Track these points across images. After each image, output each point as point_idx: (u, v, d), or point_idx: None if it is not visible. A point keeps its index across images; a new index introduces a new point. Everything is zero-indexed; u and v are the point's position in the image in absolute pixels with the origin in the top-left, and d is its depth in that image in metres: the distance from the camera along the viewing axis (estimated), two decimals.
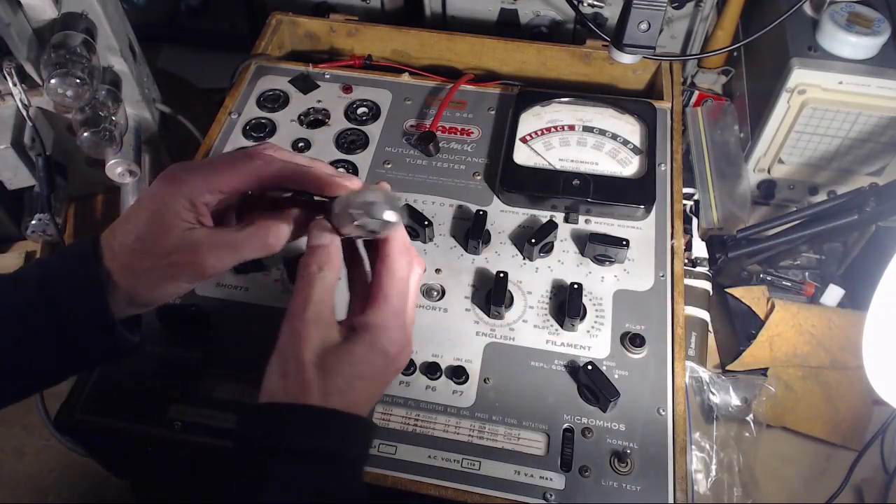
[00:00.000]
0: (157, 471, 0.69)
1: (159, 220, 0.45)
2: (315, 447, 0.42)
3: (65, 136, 0.88)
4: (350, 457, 0.44)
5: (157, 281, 0.46)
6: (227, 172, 0.46)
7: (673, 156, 0.75)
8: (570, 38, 0.98)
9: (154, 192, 0.46)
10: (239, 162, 0.47)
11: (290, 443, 0.42)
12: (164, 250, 0.45)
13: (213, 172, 0.46)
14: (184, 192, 0.46)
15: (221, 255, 0.46)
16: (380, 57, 0.88)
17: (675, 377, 0.60)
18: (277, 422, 0.43)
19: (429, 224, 0.68)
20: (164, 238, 0.45)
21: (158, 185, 0.46)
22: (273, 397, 0.43)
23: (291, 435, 0.42)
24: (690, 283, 0.80)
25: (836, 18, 0.82)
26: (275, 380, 0.44)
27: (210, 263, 0.46)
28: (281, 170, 0.47)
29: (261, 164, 0.47)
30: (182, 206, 0.46)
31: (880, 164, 0.89)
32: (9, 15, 0.73)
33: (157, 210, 0.45)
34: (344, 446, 0.43)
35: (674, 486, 0.55)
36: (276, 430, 0.42)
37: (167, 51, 1.17)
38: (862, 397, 0.79)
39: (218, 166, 0.47)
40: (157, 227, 0.45)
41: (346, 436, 0.44)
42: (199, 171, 0.46)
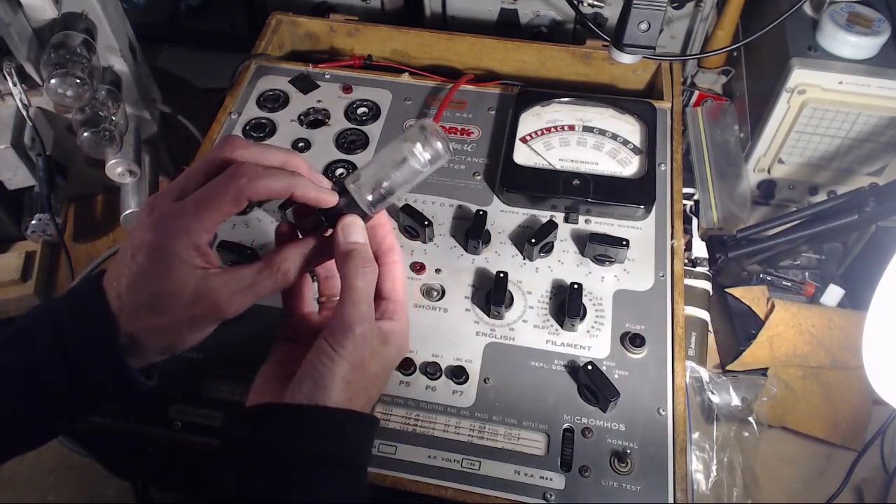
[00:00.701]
0: (157, 471, 0.69)
1: (172, 275, 0.44)
2: (336, 452, 0.43)
3: (65, 136, 0.88)
4: (363, 455, 0.46)
5: (182, 333, 0.46)
6: (216, 205, 0.45)
7: (673, 156, 0.75)
8: (570, 38, 0.98)
9: (153, 245, 0.44)
10: (223, 189, 0.45)
11: (315, 449, 0.42)
12: (183, 304, 0.45)
13: (204, 210, 0.45)
14: (187, 242, 0.44)
15: (240, 299, 0.46)
16: (380, 57, 0.88)
17: (675, 377, 0.60)
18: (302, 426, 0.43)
19: (429, 224, 0.68)
20: (181, 293, 0.44)
21: (156, 236, 0.44)
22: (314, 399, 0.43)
23: (317, 441, 0.43)
24: (690, 283, 0.80)
25: (836, 18, 0.82)
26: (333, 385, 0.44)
27: (231, 309, 0.46)
28: (267, 185, 0.46)
29: (245, 182, 0.45)
30: (189, 256, 0.44)
31: (880, 164, 0.89)
32: (9, 15, 0.73)
33: (167, 264, 0.44)
34: (359, 446, 0.45)
35: (674, 486, 0.55)
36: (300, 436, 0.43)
37: (167, 51, 1.17)
38: (862, 397, 0.79)
39: (206, 202, 0.45)
40: (172, 283, 0.44)
41: (364, 437, 0.45)
42: (191, 214, 0.44)
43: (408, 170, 0.49)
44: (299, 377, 0.44)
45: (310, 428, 0.43)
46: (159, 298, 0.44)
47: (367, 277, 0.46)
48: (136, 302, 0.44)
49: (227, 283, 0.45)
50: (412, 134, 0.48)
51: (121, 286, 0.45)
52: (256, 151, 0.47)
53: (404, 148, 0.48)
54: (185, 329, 0.46)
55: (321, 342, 0.45)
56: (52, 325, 0.45)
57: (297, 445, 0.42)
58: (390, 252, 0.51)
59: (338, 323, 0.45)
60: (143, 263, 0.44)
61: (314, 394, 0.43)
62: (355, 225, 0.48)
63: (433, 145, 0.48)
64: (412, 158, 0.48)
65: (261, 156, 0.47)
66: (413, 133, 0.48)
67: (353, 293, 0.45)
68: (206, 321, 0.47)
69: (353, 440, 0.44)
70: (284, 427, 0.43)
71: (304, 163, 0.49)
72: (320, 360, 0.44)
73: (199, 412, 0.59)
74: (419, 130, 0.48)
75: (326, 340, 0.45)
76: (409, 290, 0.65)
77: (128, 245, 0.46)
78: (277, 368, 0.48)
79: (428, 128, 0.48)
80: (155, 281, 0.44)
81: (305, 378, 0.44)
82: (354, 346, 0.45)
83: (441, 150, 0.48)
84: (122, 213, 0.88)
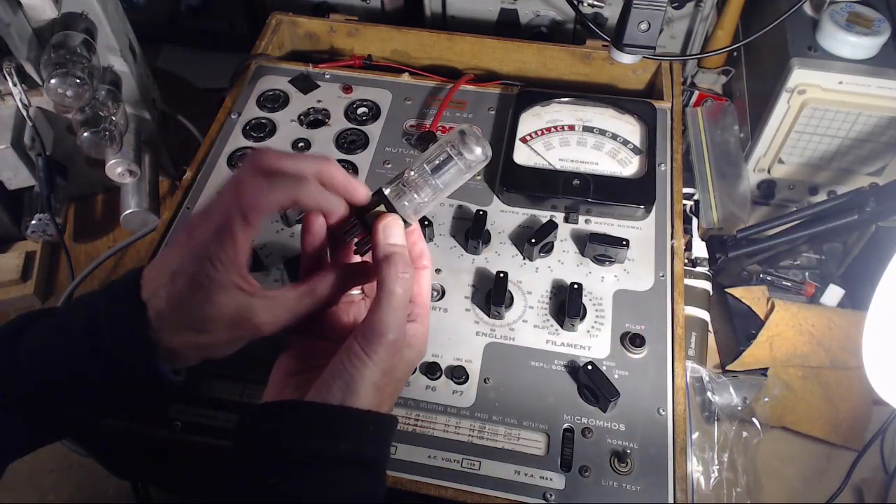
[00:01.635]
0: (157, 471, 0.69)
1: (213, 302, 0.44)
2: (359, 452, 0.43)
3: (65, 136, 0.88)
4: (384, 454, 0.46)
5: (220, 349, 0.47)
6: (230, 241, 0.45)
7: (673, 156, 0.75)
8: (570, 38, 0.98)
9: (193, 271, 0.44)
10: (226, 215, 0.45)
11: (339, 448, 0.43)
12: (224, 326, 0.45)
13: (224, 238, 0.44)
14: (230, 274, 0.44)
15: (279, 321, 0.47)
16: (380, 57, 0.88)
17: (675, 377, 0.60)
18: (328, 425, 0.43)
19: (429, 224, 0.68)
20: (223, 316, 0.45)
21: (193, 263, 0.44)
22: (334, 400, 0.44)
23: (342, 440, 0.43)
24: (690, 283, 0.80)
25: (836, 18, 0.82)
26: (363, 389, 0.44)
27: (269, 330, 0.47)
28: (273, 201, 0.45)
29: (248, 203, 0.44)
30: (231, 284, 0.45)
31: (880, 164, 0.89)
32: (9, 15, 0.73)
33: (207, 291, 0.44)
34: (382, 447, 0.45)
35: (674, 486, 0.55)
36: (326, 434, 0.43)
37: (167, 51, 1.17)
38: (862, 397, 0.79)
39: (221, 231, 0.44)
40: (213, 309, 0.45)
41: (386, 437, 0.46)
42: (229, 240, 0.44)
43: (448, 175, 0.48)
44: (328, 378, 0.44)
45: (336, 427, 0.43)
46: (201, 321, 0.45)
47: (406, 283, 0.46)
48: (177, 322, 0.45)
49: (270, 309, 0.46)
50: (452, 138, 0.48)
51: (161, 304, 0.45)
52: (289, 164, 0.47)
53: (444, 152, 0.48)
54: (224, 346, 0.47)
55: (353, 345, 0.45)
56: (90, 324, 0.46)
57: (322, 444, 0.43)
58: (420, 258, 0.51)
59: (373, 328, 0.45)
60: (184, 290, 0.44)
61: (345, 396, 0.43)
62: (396, 226, 0.48)
63: (473, 149, 0.48)
64: (452, 163, 0.48)
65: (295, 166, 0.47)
66: (453, 137, 0.48)
67: (392, 299, 0.45)
68: (245, 339, 0.47)
69: (375, 441, 0.45)
70: (311, 425, 0.43)
71: (339, 171, 0.49)
72: (352, 363, 0.44)
73: (199, 412, 0.59)
74: (459, 135, 0.48)
75: (359, 344, 0.44)
76: None
77: (167, 261, 0.46)
78: (296, 363, 0.48)
79: (468, 132, 0.48)
80: (196, 306, 0.45)
81: (336, 380, 0.44)
82: (387, 352, 0.44)
83: (481, 154, 0.48)
84: (122, 213, 0.88)
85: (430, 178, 0.48)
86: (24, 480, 0.78)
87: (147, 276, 0.46)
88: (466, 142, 0.47)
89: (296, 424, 0.43)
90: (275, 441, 0.43)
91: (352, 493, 0.43)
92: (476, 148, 0.47)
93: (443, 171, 0.48)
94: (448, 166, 0.48)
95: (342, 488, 0.43)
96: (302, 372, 0.47)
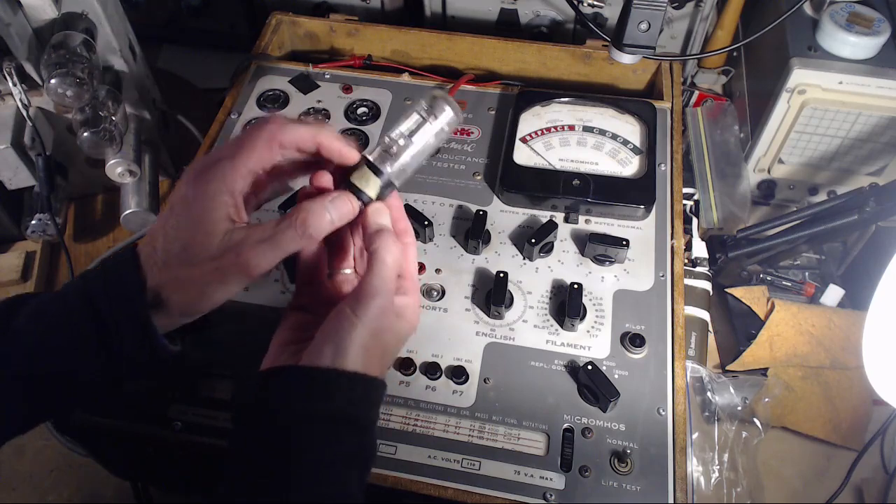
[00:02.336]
0: (157, 471, 0.69)
1: (203, 224, 0.46)
2: (347, 412, 0.45)
3: (65, 136, 0.88)
4: (373, 416, 0.47)
5: (206, 288, 0.47)
6: (251, 147, 0.47)
7: (673, 156, 0.75)
8: (570, 38, 0.98)
9: (189, 195, 0.46)
10: (256, 133, 0.48)
11: (327, 408, 0.44)
12: (210, 255, 0.46)
13: (238, 154, 0.47)
14: (223, 186, 0.46)
15: (263, 251, 0.46)
16: (380, 57, 0.88)
17: (675, 377, 0.60)
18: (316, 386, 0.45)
19: (429, 224, 0.68)
20: (208, 243, 0.46)
21: (193, 187, 0.46)
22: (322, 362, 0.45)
23: (329, 401, 0.44)
24: (690, 283, 0.80)
25: (836, 18, 0.82)
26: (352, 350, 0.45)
27: (254, 263, 0.46)
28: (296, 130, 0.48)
29: (275, 127, 0.48)
30: (223, 202, 0.46)
31: (880, 164, 0.89)
32: (9, 15, 0.73)
33: (200, 214, 0.46)
34: (370, 408, 0.47)
35: (674, 486, 0.55)
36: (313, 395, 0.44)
37: (167, 51, 1.17)
38: (862, 397, 0.79)
39: (240, 145, 0.47)
40: (202, 233, 0.46)
41: (375, 399, 0.47)
42: (226, 159, 0.47)
43: (423, 138, 0.50)
44: (319, 341, 0.46)
45: (321, 386, 0.45)
46: (189, 247, 0.46)
47: (395, 255, 0.48)
48: (167, 253, 0.46)
49: (251, 235, 0.46)
50: (425, 103, 0.50)
51: (156, 240, 0.47)
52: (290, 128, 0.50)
53: (419, 117, 0.50)
54: (210, 284, 0.47)
55: (343, 308, 0.46)
56: (83, 285, 0.47)
57: (312, 404, 0.44)
58: (405, 234, 0.53)
59: (362, 292, 0.47)
60: (180, 213, 0.46)
61: (335, 358, 0.45)
62: (384, 210, 0.50)
63: (444, 111, 0.50)
64: (426, 126, 0.50)
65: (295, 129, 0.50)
66: (424, 101, 0.50)
67: (382, 267, 0.47)
68: (231, 274, 0.47)
69: (365, 401, 0.46)
70: (300, 387, 0.45)
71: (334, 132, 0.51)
72: (342, 325, 0.46)
73: (199, 412, 0.59)
74: (430, 99, 0.50)
75: (349, 307, 0.46)
76: None
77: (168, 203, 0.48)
78: (290, 335, 0.50)
79: (438, 96, 0.50)
80: (187, 229, 0.46)
81: (327, 342, 0.46)
82: (375, 314, 0.46)
83: (452, 116, 0.50)
84: (122, 213, 0.88)
85: (407, 143, 0.50)
86: (25, 480, 0.78)
87: (150, 230, 0.48)
88: (437, 105, 0.50)
89: (287, 387, 0.45)
90: (268, 405, 0.45)
91: (342, 452, 0.45)
92: (447, 109, 0.50)
93: (418, 134, 0.50)
94: (422, 130, 0.50)
95: (333, 447, 0.44)
96: (295, 343, 0.49)
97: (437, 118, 0.50)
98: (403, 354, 0.61)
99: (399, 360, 0.61)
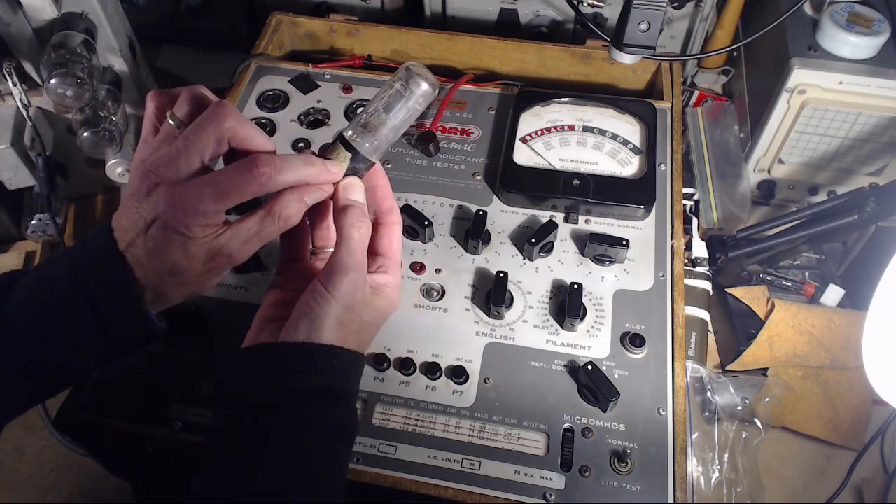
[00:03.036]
0: (157, 471, 0.69)
1: (189, 249, 0.46)
2: (324, 384, 0.46)
3: (65, 136, 0.88)
4: (352, 388, 0.48)
5: (201, 283, 0.50)
6: (238, 195, 0.46)
7: (673, 156, 0.75)
8: (570, 38, 0.98)
9: (170, 223, 0.45)
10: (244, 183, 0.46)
11: (305, 382, 0.45)
12: (200, 264, 0.47)
13: (225, 198, 0.46)
14: (203, 222, 0.46)
15: (250, 247, 0.48)
16: (380, 57, 0.88)
17: (675, 377, 0.60)
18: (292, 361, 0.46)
19: (429, 224, 0.68)
20: (197, 257, 0.47)
21: (172, 213, 0.45)
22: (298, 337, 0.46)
23: (301, 375, 0.45)
24: (690, 283, 0.80)
25: (836, 18, 0.82)
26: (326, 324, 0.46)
27: (243, 257, 0.49)
28: (286, 178, 0.47)
29: (266, 179, 0.46)
30: (205, 232, 0.46)
31: (880, 164, 0.89)
32: (9, 15, 0.74)
33: (183, 241, 0.46)
34: (348, 380, 0.48)
35: (674, 486, 0.55)
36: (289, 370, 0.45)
37: (167, 51, 1.17)
38: (862, 397, 0.79)
39: (227, 192, 0.46)
40: (188, 256, 0.46)
41: (352, 371, 0.48)
42: (211, 199, 0.45)
43: (401, 112, 0.51)
44: (295, 317, 0.47)
45: (297, 362, 0.46)
46: (178, 266, 0.47)
47: (362, 231, 0.49)
48: (156, 269, 0.47)
49: (236, 236, 0.47)
50: (400, 75, 0.50)
51: (138, 253, 0.46)
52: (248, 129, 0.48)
53: (395, 90, 0.50)
54: (204, 279, 0.49)
55: (315, 284, 0.47)
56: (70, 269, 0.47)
57: (289, 379, 0.45)
58: (390, 213, 0.53)
59: (332, 267, 0.47)
60: (160, 238, 0.46)
61: (310, 332, 0.46)
62: (356, 185, 0.51)
63: (420, 84, 0.50)
64: (403, 100, 0.50)
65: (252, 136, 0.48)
66: (400, 74, 0.50)
67: (349, 242, 0.48)
68: (222, 270, 0.50)
69: (341, 374, 0.47)
70: (277, 363, 0.46)
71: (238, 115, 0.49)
72: (315, 300, 0.47)
73: (199, 412, 0.59)
74: (405, 72, 0.50)
75: (321, 282, 0.47)
76: (410, 290, 0.65)
77: (136, 210, 0.46)
78: (270, 312, 0.50)
79: (413, 68, 0.50)
80: (172, 253, 0.46)
81: (302, 318, 0.46)
82: (347, 289, 0.47)
83: (428, 88, 0.50)
84: None
85: (384, 118, 0.50)
86: (24, 480, 0.78)
87: (118, 227, 0.47)
88: (413, 77, 0.50)
89: (264, 364, 0.46)
90: (246, 383, 0.46)
91: (321, 425, 0.45)
92: (422, 83, 0.50)
93: (395, 108, 0.50)
94: (400, 103, 0.50)
95: (312, 420, 0.45)
96: (275, 320, 0.49)
97: (413, 92, 0.50)
98: (403, 354, 0.61)
99: (399, 360, 0.61)
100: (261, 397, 0.45)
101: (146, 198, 0.46)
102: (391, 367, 0.61)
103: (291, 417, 0.44)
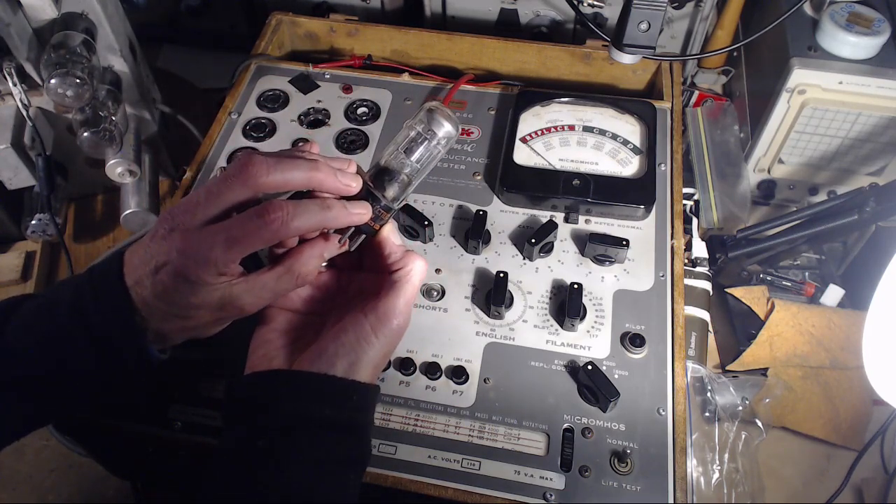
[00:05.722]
0: (157, 471, 0.69)
1: (198, 295, 0.46)
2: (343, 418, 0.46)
3: (65, 136, 0.88)
4: (369, 420, 0.49)
5: (207, 329, 0.50)
6: (249, 244, 0.45)
7: (673, 156, 0.75)
8: (570, 38, 0.98)
9: (181, 270, 0.45)
10: (255, 231, 0.45)
11: (320, 414, 0.45)
12: (209, 311, 0.47)
13: (236, 247, 0.45)
14: (214, 271, 0.45)
15: (263, 302, 0.49)
16: (380, 57, 0.88)
17: (675, 377, 0.60)
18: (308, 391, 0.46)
19: (429, 224, 0.68)
20: (207, 304, 0.47)
21: (183, 260, 0.45)
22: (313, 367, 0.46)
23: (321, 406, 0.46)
24: (690, 283, 0.80)
25: (836, 18, 0.82)
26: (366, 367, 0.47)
27: (251, 310, 0.49)
28: (286, 173, 0.46)
29: (278, 227, 0.45)
30: (217, 281, 0.46)
31: (880, 164, 0.89)
32: (9, 15, 0.74)
33: (193, 287, 0.45)
34: (367, 413, 0.48)
35: (674, 486, 0.55)
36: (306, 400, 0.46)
37: (167, 51, 1.17)
38: (862, 397, 0.79)
39: (238, 241, 0.45)
40: (198, 300, 0.46)
41: (370, 404, 0.49)
42: (221, 248, 0.45)
43: (422, 156, 0.50)
44: (333, 352, 0.47)
45: (324, 393, 0.46)
46: (186, 309, 0.47)
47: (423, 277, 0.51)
48: (163, 311, 0.47)
49: (250, 291, 0.47)
50: (421, 118, 0.49)
51: (145, 293, 0.46)
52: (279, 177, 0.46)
53: (417, 133, 0.49)
54: (209, 326, 0.50)
55: (363, 323, 0.48)
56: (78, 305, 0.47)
57: (309, 409, 0.45)
58: None
59: (387, 313, 0.48)
60: (169, 283, 0.45)
61: (348, 372, 0.47)
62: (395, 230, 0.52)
63: (442, 126, 0.49)
64: (425, 143, 0.49)
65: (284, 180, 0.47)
66: (422, 116, 0.49)
67: (409, 288, 0.49)
68: (230, 320, 0.50)
69: (366, 409, 0.48)
70: (299, 392, 0.46)
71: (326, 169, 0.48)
72: (359, 343, 0.47)
73: (199, 412, 0.59)
74: (427, 114, 0.49)
75: (371, 325, 0.48)
76: None
77: (151, 251, 0.46)
78: (280, 337, 0.51)
79: (436, 110, 0.49)
80: (181, 298, 0.46)
81: (341, 355, 0.47)
82: (393, 335, 0.48)
83: (451, 130, 0.49)
84: (122, 213, 0.88)
85: (405, 162, 0.49)
86: (24, 480, 0.78)
87: (129, 262, 0.47)
88: (435, 119, 0.48)
89: (286, 392, 0.46)
90: (263, 407, 0.46)
91: (344, 457, 0.46)
92: (445, 124, 0.49)
93: (416, 152, 0.49)
94: (421, 147, 0.49)
95: (329, 451, 0.45)
96: (289, 345, 0.50)
97: (437, 133, 0.49)
98: (403, 354, 0.61)
99: (399, 360, 0.61)
100: (276, 424, 0.45)
101: (161, 241, 0.46)
102: (391, 367, 0.61)
103: (306, 447, 0.44)
